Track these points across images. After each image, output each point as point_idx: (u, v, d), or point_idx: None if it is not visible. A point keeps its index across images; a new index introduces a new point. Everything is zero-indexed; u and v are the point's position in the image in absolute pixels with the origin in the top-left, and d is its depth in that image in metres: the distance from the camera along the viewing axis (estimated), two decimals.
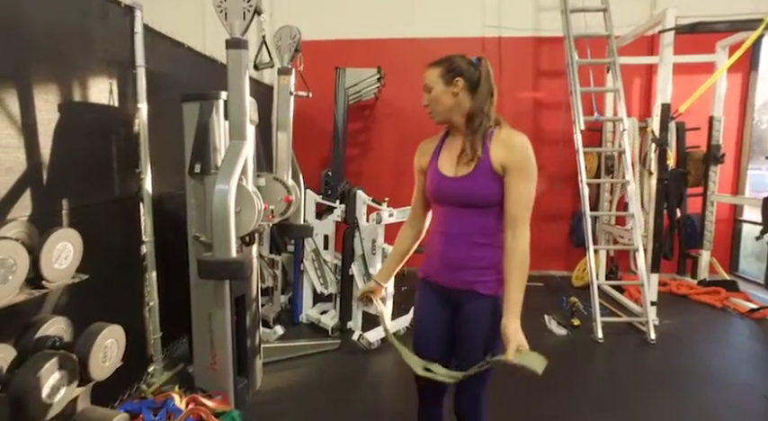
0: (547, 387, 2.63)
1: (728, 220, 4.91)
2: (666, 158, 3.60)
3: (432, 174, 1.49)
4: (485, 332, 1.45)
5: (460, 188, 1.41)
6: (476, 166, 1.38)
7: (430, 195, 1.51)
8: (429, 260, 1.54)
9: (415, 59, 5.25)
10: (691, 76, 4.30)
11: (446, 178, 1.44)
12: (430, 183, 1.49)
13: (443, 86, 1.42)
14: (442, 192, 1.46)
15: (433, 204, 1.53)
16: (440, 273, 1.49)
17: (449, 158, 1.46)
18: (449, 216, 1.46)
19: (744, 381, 2.76)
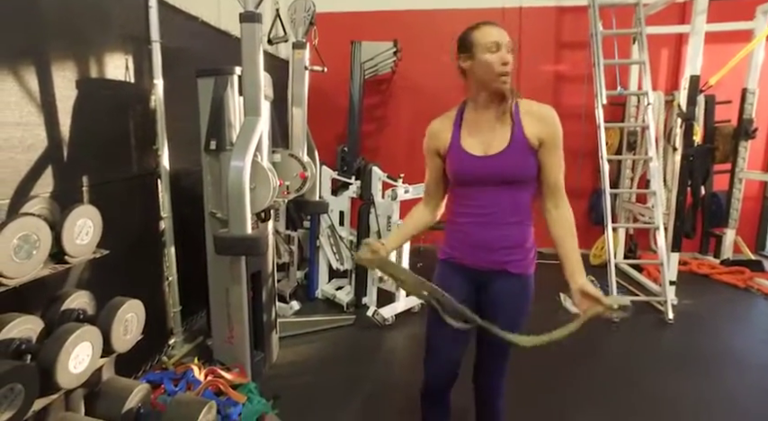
0: (561, 366, 2.66)
1: (758, 198, 4.74)
2: (693, 134, 3.46)
3: (456, 154, 1.38)
4: (513, 311, 1.46)
5: (496, 166, 1.34)
6: (511, 142, 1.33)
7: (455, 177, 1.41)
8: (454, 242, 1.47)
9: (432, 32, 5.21)
10: (724, 46, 4.09)
11: (476, 157, 1.35)
12: (455, 164, 1.39)
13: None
14: (472, 172, 1.36)
15: (457, 186, 1.43)
16: (468, 254, 1.44)
17: (475, 136, 1.37)
18: (479, 196, 1.38)
19: (761, 363, 2.71)
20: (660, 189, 3.65)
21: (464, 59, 1.34)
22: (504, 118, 1.35)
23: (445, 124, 1.43)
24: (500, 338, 1.39)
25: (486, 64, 1.28)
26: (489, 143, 1.35)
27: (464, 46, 1.33)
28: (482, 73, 1.30)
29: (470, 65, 1.32)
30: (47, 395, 1.24)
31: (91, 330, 1.36)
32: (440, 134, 1.43)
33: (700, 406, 2.29)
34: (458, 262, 1.46)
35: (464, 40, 1.33)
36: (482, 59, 1.29)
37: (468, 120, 1.40)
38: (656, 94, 4.20)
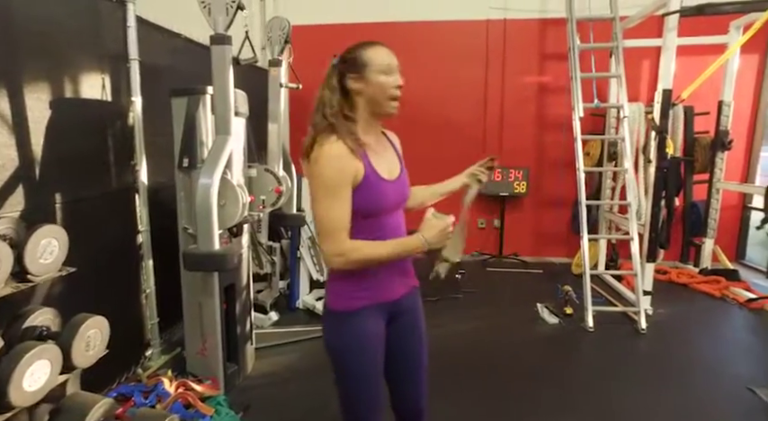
0: (532, 375, 2.71)
1: (737, 207, 4.81)
2: (666, 146, 3.52)
3: (375, 182, 1.25)
4: (422, 320, 1.48)
5: (403, 189, 1.35)
6: (401, 163, 1.39)
7: (376, 206, 1.26)
8: (369, 281, 1.29)
9: (418, 43, 5.29)
10: (701, 58, 4.17)
11: (391, 183, 1.30)
12: (378, 192, 1.25)
13: None
14: (394, 198, 1.31)
15: (366, 216, 1.25)
16: (387, 288, 1.33)
17: (382, 160, 1.30)
18: (387, 222, 1.31)
19: (731, 372, 2.76)
20: (634, 200, 3.71)
21: (354, 80, 1.24)
22: (385, 141, 1.39)
23: (349, 149, 1.22)
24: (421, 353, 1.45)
25: (380, 86, 1.24)
26: (391, 166, 1.33)
27: (354, 65, 1.24)
28: (374, 94, 1.25)
29: (361, 86, 1.25)
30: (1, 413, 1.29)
31: (49, 348, 1.41)
32: (353, 160, 1.21)
33: (665, 417, 2.33)
34: (376, 302, 1.31)
35: (354, 58, 1.25)
36: (376, 81, 1.23)
37: (368, 144, 1.28)
38: (637, 105, 4.26)
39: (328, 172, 1.19)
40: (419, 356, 1.44)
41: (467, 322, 3.46)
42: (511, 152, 4.99)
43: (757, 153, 4.69)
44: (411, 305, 1.42)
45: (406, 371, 1.44)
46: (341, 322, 1.30)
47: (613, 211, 4.41)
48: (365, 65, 1.24)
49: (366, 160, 1.24)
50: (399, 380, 1.45)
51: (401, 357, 1.42)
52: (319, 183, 1.20)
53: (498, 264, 4.86)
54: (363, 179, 1.22)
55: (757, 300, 3.69)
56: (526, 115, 5.00)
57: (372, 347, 1.32)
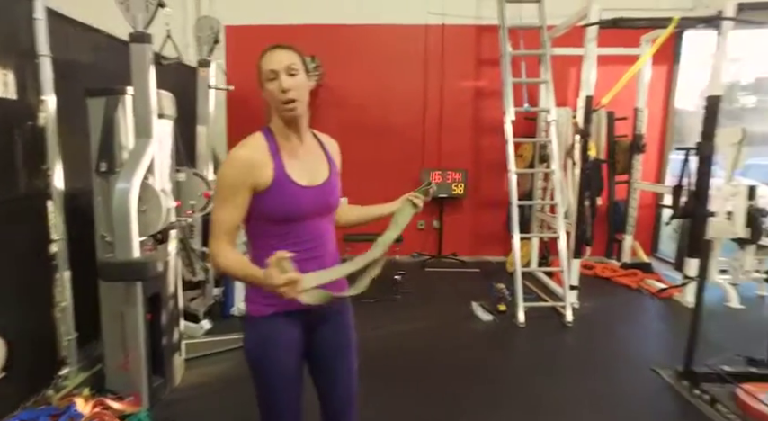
0: (465, 373, 2.78)
1: (652, 206, 5.20)
2: (588, 149, 3.75)
3: (286, 188, 1.23)
4: (352, 329, 1.46)
5: (324, 196, 1.31)
6: (331, 171, 1.35)
7: (284, 212, 1.24)
8: None
9: (357, 47, 5.31)
10: (619, 68, 4.43)
11: (305, 188, 1.26)
12: (285, 197, 1.24)
13: (305, 75, 1.25)
14: (304, 204, 1.26)
15: (276, 223, 1.25)
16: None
17: (298, 165, 1.27)
18: (304, 230, 1.28)
19: (642, 356, 2.99)
20: (563, 200, 3.91)
21: (261, 87, 1.26)
22: (315, 146, 1.36)
23: (261, 153, 1.23)
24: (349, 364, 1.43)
25: (269, 94, 1.23)
26: (314, 172, 1.30)
27: (258, 73, 1.26)
28: (270, 102, 1.25)
29: (263, 94, 1.25)
30: None
31: None
32: (259, 165, 1.21)
33: (584, 403, 2.47)
34: (285, 310, 1.27)
35: (257, 66, 1.25)
36: (265, 89, 1.23)
37: (285, 149, 1.27)
38: (565, 110, 4.51)
39: (227, 174, 1.21)
40: (341, 368, 1.42)
41: (404, 323, 3.51)
42: (449, 155, 5.12)
43: (668, 155, 5.09)
44: (333, 316, 1.39)
45: (329, 381, 1.43)
46: (253, 327, 1.31)
47: (545, 211, 4.63)
48: (259, 73, 1.25)
49: (278, 164, 1.23)
50: (325, 389, 1.45)
51: (324, 367, 1.41)
52: (219, 183, 1.23)
53: (437, 265, 4.96)
54: (272, 183, 1.22)
55: (666, 289, 4.01)
56: (464, 119, 5.15)
57: (281, 354, 1.30)
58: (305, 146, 1.32)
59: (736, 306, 3.79)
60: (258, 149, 1.23)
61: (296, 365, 1.34)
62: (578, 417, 2.36)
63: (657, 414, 2.41)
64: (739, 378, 2.44)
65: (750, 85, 6.42)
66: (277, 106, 1.24)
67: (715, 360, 2.57)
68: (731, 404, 2.32)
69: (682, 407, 2.44)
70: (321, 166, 1.34)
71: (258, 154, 1.23)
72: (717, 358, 2.59)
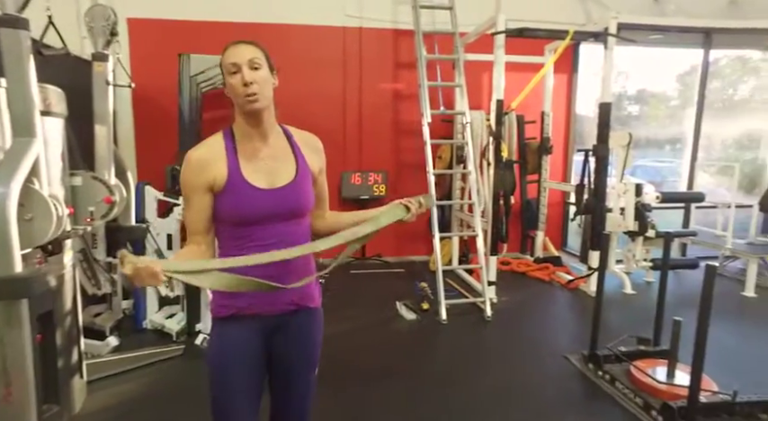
0: (388, 373, 2.80)
1: (561, 203, 5.60)
2: (501, 150, 3.95)
3: (238, 188, 1.21)
4: (313, 347, 1.40)
5: (286, 200, 1.25)
6: (297, 173, 1.28)
7: (238, 215, 1.22)
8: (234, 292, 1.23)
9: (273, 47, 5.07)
10: (527, 75, 4.73)
11: (262, 191, 1.23)
12: (239, 199, 1.21)
13: (268, 70, 1.23)
14: (259, 208, 1.22)
15: (235, 225, 1.24)
16: (260, 300, 1.27)
17: (257, 167, 1.24)
18: (265, 234, 1.23)
19: (553, 344, 3.20)
20: (477, 199, 4.09)
21: (224, 85, 1.24)
22: (283, 147, 1.31)
23: (215, 154, 1.23)
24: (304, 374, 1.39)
25: (231, 88, 1.20)
26: (275, 174, 1.25)
27: (221, 70, 1.23)
28: (233, 97, 1.22)
29: (226, 90, 1.23)
30: None
31: None
32: (212, 165, 1.21)
33: (500, 393, 2.59)
34: (247, 313, 1.27)
35: (220, 64, 1.23)
36: (227, 83, 1.20)
37: (245, 150, 1.25)
38: (479, 113, 4.72)
39: (182, 175, 1.23)
40: (297, 384, 1.38)
41: (329, 326, 3.42)
42: (370, 157, 5.15)
43: (572, 156, 5.52)
44: (294, 326, 1.33)
45: (283, 396, 1.40)
46: (213, 327, 1.32)
47: (463, 210, 4.81)
48: (222, 68, 1.22)
49: (232, 165, 1.22)
50: (279, 404, 1.42)
51: (280, 380, 1.38)
52: (180, 185, 1.24)
53: (362, 266, 4.97)
54: (226, 185, 1.21)
55: (573, 280, 4.34)
56: (383, 121, 5.21)
57: (232, 357, 1.28)
58: (269, 146, 1.28)
59: (629, 292, 4.18)
60: (213, 149, 1.23)
61: (250, 373, 1.30)
62: (496, 407, 2.46)
63: (568, 396, 2.58)
64: (632, 356, 2.69)
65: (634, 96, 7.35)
66: (239, 101, 1.20)
67: (613, 342, 2.81)
68: (627, 381, 2.55)
69: (588, 389, 2.63)
70: (285, 168, 1.28)
71: (212, 154, 1.22)
72: (615, 341, 2.83)
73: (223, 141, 1.25)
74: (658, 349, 2.76)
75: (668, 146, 7.20)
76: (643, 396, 2.40)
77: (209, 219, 1.25)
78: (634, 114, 7.44)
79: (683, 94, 7.58)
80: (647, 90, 7.60)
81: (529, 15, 4.41)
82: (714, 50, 5.26)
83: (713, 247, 4.65)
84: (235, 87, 1.19)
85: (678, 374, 2.47)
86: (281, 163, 1.28)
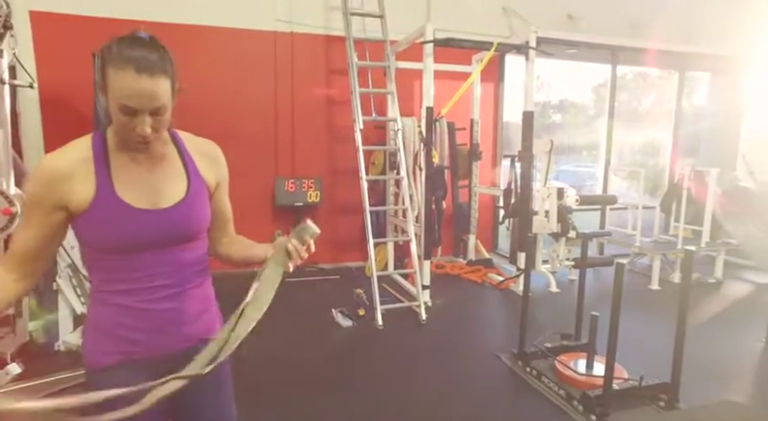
0: (323, 383, 2.76)
1: (491, 207, 5.84)
2: (432, 156, 4.05)
3: (110, 209, 0.99)
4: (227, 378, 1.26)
5: (173, 222, 1.05)
6: (189, 189, 1.08)
7: (111, 241, 1.00)
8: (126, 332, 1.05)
9: (200, 49, 4.96)
10: (457, 83, 4.91)
11: (143, 212, 1.02)
12: (112, 222, 0.99)
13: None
14: (139, 232, 1.01)
15: (107, 253, 1.02)
16: (153, 340, 1.07)
17: (136, 183, 1.03)
18: (148, 262, 1.04)
19: (486, 343, 3.31)
20: (410, 205, 4.17)
21: (101, 89, 0.96)
22: (172, 158, 1.10)
23: (79, 164, 0.98)
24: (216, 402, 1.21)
25: (117, 122, 0.96)
26: (159, 192, 1.04)
27: (100, 75, 0.94)
28: (115, 125, 0.99)
29: (106, 106, 0.97)
30: None
31: None
32: (74, 178, 0.97)
33: (435, 394, 2.64)
34: (130, 359, 1.06)
35: (100, 69, 0.93)
36: (113, 113, 0.95)
37: (120, 161, 1.02)
38: (411, 119, 4.82)
39: (28, 186, 0.98)
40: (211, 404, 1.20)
41: (263, 337, 3.33)
42: (303, 162, 5.09)
43: (500, 162, 5.78)
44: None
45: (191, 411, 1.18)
46: (89, 381, 1.08)
47: (398, 216, 4.87)
48: (107, 85, 0.93)
49: (102, 180, 0.99)
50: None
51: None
52: (25, 197, 1.00)
53: (297, 274, 4.87)
54: (91, 204, 0.98)
55: (504, 281, 4.54)
56: (316, 127, 5.16)
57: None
58: (152, 157, 1.06)
59: (555, 290, 4.44)
60: (75, 159, 0.98)
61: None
62: (432, 407, 2.51)
63: (499, 394, 2.68)
64: (556, 351, 2.85)
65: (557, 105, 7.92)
66: (125, 138, 0.99)
67: (539, 339, 2.96)
68: (552, 375, 2.70)
69: (517, 385, 2.75)
70: (173, 184, 1.07)
71: (73, 165, 0.97)
72: (541, 337, 2.99)
73: (91, 148, 1.01)
74: (580, 343, 2.94)
75: (585, 152, 7.79)
76: (566, 388, 2.55)
77: (45, 246, 1.01)
78: (557, 122, 8.02)
79: (597, 104, 8.26)
80: (568, 100, 8.21)
81: (456, 26, 4.59)
82: (620, 67, 5.76)
83: (625, 246, 5.05)
84: (124, 127, 0.95)
85: (596, 365, 2.65)
86: (167, 177, 1.07)
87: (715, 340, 3.35)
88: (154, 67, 0.92)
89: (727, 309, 4.10)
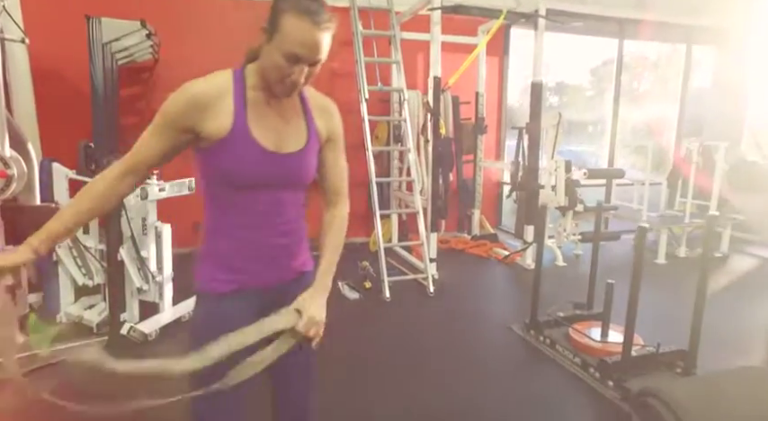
0: (333, 352, 2.68)
1: (496, 183, 5.77)
2: (440, 127, 3.96)
3: (242, 145, 1.03)
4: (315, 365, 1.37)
5: (292, 168, 1.10)
6: (308, 140, 1.12)
7: (235, 175, 1.05)
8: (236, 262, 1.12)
9: (197, 17, 4.78)
10: (462, 55, 4.80)
11: (269, 154, 1.06)
12: (240, 158, 1.03)
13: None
14: (263, 172, 1.06)
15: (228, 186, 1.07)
16: (260, 272, 1.15)
17: (266, 125, 1.06)
18: (264, 200, 1.09)
19: (496, 315, 3.29)
20: (417, 177, 4.09)
21: (265, 35, 1.00)
22: (296, 109, 1.13)
23: (221, 96, 1.02)
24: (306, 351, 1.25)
25: (275, 66, 0.98)
26: (283, 138, 1.09)
27: (270, 21, 0.98)
28: (267, 71, 1.01)
29: (264, 48, 1.00)
30: None
31: None
32: (213, 108, 1.01)
33: (450, 364, 2.61)
34: (243, 287, 1.13)
35: (273, 15, 0.98)
36: (273, 57, 0.98)
37: (255, 102, 1.06)
38: (415, 92, 4.71)
39: (168, 104, 1.01)
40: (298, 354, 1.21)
41: None
42: None
43: (504, 136, 5.70)
44: (293, 294, 1.16)
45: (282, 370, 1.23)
46: (202, 304, 1.16)
47: (402, 190, 4.80)
48: (276, 29, 0.96)
49: (239, 116, 1.03)
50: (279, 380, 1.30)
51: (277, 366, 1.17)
52: (159, 110, 1.02)
53: None
54: (227, 137, 1.02)
55: (509, 255, 4.50)
56: None
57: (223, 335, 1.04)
58: (282, 104, 1.10)
59: (561, 264, 4.40)
60: (218, 91, 1.02)
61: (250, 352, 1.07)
62: (445, 377, 2.48)
63: (512, 363, 2.66)
64: (570, 320, 2.81)
65: (553, 88, 7.89)
66: (274, 82, 1.02)
67: (552, 308, 2.92)
68: (566, 343, 2.66)
69: (531, 354, 2.73)
70: (296, 132, 1.11)
71: (215, 95, 1.01)
72: (554, 306, 2.95)
73: (232, 83, 1.05)
74: (593, 312, 2.90)
75: (583, 133, 7.76)
76: (581, 356, 2.52)
77: (159, 161, 1.07)
78: (555, 105, 7.97)
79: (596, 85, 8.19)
80: (565, 82, 8.16)
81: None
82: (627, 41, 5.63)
83: (632, 221, 5.01)
84: (281, 71, 0.98)
85: (611, 333, 2.62)
86: (291, 126, 1.11)
87: (726, 311, 3.33)
88: (327, 22, 0.98)
89: (735, 282, 4.09)
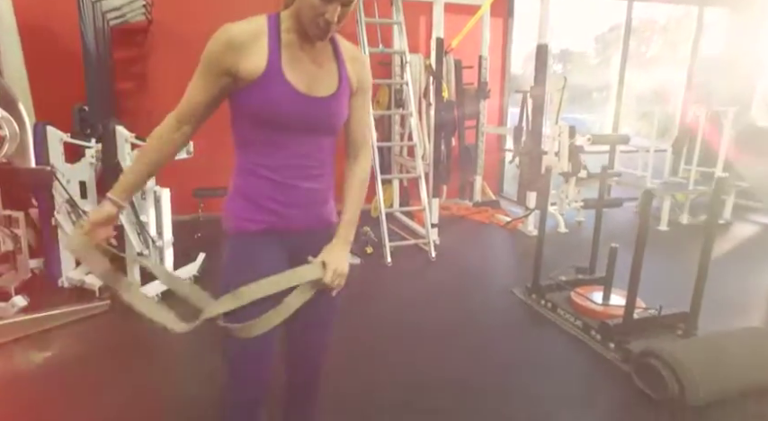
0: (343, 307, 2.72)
1: (497, 150, 5.70)
2: (442, 90, 3.86)
3: (276, 86, 1.04)
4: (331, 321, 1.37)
5: (323, 112, 1.11)
6: (339, 85, 1.13)
7: (269, 116, 1.06)
8: (267, 203, 1.13)
9: None
10: (465, 18, 4.66)
11: (302, 96, 1.07)
12: (274, 99, 1.04)
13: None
14: (296, 114, 1.07)
15: (264, 128, 1.08)
16: (289, 216, 1.15)
17: (300, 68, 1.07)
18: (296, 143, 1.10)
19: (498, 280, 3.31)
20: (419, 142, 4.02)
21: None
22: (329, 54, 1.14)
23: (256, 37, 1.04)
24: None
25: (309, 5, 1.00)
26: (316, 81, 1.10)
27: None
28: (302, 12, 1.02)
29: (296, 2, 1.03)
30: None
31: None
32: (249, 49, 1.03)
33: (452, 326, 2.63)
34: (273, 228, 1.14)
35: None
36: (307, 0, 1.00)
37: (290, 45, 1.07)
38: (417, 56, 4.58)
39: (207, 49, 1.04)
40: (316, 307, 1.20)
41: None
42: None
43: (507, 101, 5.58)
44: (319, 243, 1.18)
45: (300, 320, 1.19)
46: (234, 243, 1.16)
47: (403, 155, 4.73)
48: None
49: (273, 56, 1.04)
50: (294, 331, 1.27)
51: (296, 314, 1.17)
52: (201, 57, 1.06)
53: None
54: (261, 76, 1.03)
55: (511, 221, 4.48)
56: None
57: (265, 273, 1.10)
58: (315, 49, 1.10)
59: (563, 231, 4.39)
60: (254, 33, 1.04)
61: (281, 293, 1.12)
62: (446, 339, 2.49)
63: (514, 325, 2.67)
64: (572, 284, 2.81)
65: (557, 55, 7.71)
66: (308, 25, 1.03)
67: (554, 272, 2.92)
68: (568, 307, 2.67)
69: (532, 317, 2.74)
70: (328, 78, 1.12)
71: (251, 37, 1.03)
72: (556, 270, 2.94)
73: (267, 27, 1.06)
74: (595, 277, 2.90)
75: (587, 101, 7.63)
76: (583, 318, 2.53)
77: (204, 109, 1.10)
78: (559, 72, 7.81)
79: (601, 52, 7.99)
80: (570, 49, 7.97)
81: None
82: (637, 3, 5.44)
83: (635, 187, 4.96)
84: (315, 10, 0.99)
85: (613, 297, 2.62)
86: (324, 70, 1.12)
87: (727, 276, 3.33)
88: None
89: (737, 248, 4.08)
